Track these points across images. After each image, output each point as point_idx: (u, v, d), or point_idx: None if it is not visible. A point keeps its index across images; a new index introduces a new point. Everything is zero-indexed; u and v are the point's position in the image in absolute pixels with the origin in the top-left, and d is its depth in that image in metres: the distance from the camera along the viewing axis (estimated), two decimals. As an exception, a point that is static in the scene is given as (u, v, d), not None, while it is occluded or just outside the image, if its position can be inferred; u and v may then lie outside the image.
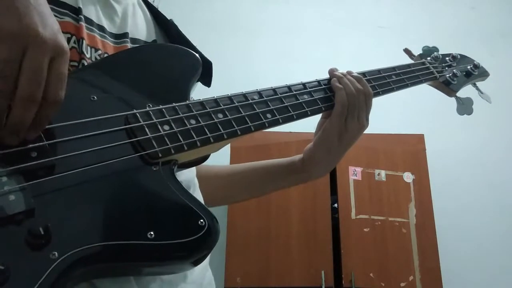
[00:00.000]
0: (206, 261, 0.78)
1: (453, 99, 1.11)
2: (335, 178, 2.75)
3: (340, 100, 0.88)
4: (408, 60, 1.10)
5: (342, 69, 0.94)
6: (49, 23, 0.54)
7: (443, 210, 2.89)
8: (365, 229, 2.67)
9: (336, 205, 2.75)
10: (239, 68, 3.39)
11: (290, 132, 2.71)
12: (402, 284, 2.57)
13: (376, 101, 0.93)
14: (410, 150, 2.92)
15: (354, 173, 2.78)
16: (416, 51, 1.13)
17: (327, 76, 0.92)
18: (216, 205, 1.00)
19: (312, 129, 0.96)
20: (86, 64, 0.71)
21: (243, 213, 2.70)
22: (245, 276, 2.58)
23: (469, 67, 1.11)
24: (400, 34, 3.56)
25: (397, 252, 2.65)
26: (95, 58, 0.73)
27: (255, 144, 2.74)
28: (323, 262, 2.58)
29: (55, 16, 0.70)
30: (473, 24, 3.70)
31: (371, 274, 2.58)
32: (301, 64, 3.37)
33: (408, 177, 2.82)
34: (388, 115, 2.68)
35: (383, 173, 2.82)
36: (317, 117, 0.93)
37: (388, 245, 2.66)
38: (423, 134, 2.96)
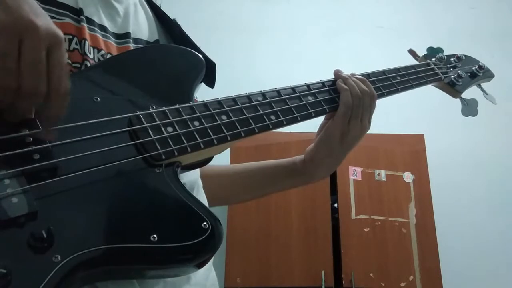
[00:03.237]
0: (209, 263, 0.77)
1: (453, 99, 1.11)
2: (335, 178, 2.75)
3: (345, 101, 0.87)
4: (411, 61, 1.09)
5: (342, 69, 0.93)
6: (41, 13, 0.54)
7: (443, 210, 2.89)
8: (365, 229, 2.67)
9: (336, 205, 2.75)
10: (241, 69, 3.38)
11: (291, 132, 2.70)
12: (402, 284, 2.57)
13: (377, 100, 0.93)
14: (410, 150, 2.92)
15: (354, 173, 2.78)
16: (417, 51, 1.13)
17: (327, 75, 0.92)
18: (217, 205, 0.99)
19: (313, 129, 0.96)
20: (89, 65, 0.71)
21: (243, 213, 2.70)
22: (245, 276, 2.58)
23: (474, 68, 1.11)
24: (400, 34, 3.56)
25: (397, 252, 2.65)
26: (98, 59, 0.73)
27: (255, 144, 2.74)
28: (323, 262, 2.58)
29: (54, 17, 0.69)
30: (473, 24, 3.70)
31: (371, 274, 2.57)
32: (301, 64, 3.38)
33: (408, 177, 2.82)
34: (388, 115, 2.68)
35: (383, 173, 2.81)
36: (319, 117, 0.92)
37: (388, 245, 2.66)
38: (423, 134, 2.96)
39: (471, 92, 1.10)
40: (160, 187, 0.61)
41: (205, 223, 0.58)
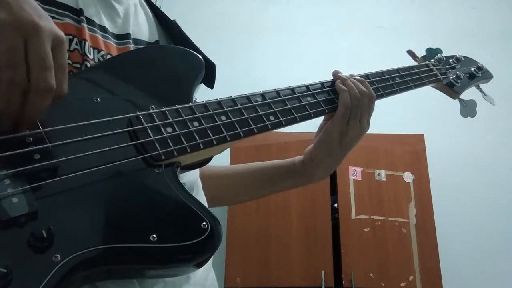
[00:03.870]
0: (209, 263, 0.78)
1: (453, 99, 1.11)
2: (335, 178, 2.75)
3: (344, 102, 0.87)
4: (411, 61, 1.09)
5: (342, 69, 0.93)
6: (43, 14, 0.54)
7: (443, 210, 2.89)
8: (365, 229, 2.67)
9: (336, 205, 2.75)
10: (241, 69, 3.39)
11: (290, 132, 2.70)
12: (402, 284, 2.57)
13: (376, 101, 0.93)
14: (410, 150, 2.92)
15: (354, 173, 2.78)
16: (416, 51, 1.13)
17: (327, 76, 0.92)
18: (217, 205, 0.99)
19: (312, 130, 0.96)
20: (89, 65, 0.71)
21: (243, 213, 2.70)
22: (245, 276, 2.58)
23: (472, 69, 1.11)
24: (400, 34, 3.56)
25: (397, 252, 2.65)
26: (98, 60, 0.73)
27: (255, 144, 2.74)
28: (323, 262, 2.58)
29: (55, 17, 0.70)
30: (473, 24, 3.70)
31: (371, 274, 2.58)
32: (301, 64, 3.38)
33: (408, 177, 2.82)
34: (388, 115, 2.68)
35: (383, 173, 2.81)
36: (318, 117, 0.92)
37: (388, 245, 2.66)
38: (423, 134, 2.96)
39: (470, 93, 1.11)
40: (159, 187, 0.61)
41: (204, 223, 0.58)
